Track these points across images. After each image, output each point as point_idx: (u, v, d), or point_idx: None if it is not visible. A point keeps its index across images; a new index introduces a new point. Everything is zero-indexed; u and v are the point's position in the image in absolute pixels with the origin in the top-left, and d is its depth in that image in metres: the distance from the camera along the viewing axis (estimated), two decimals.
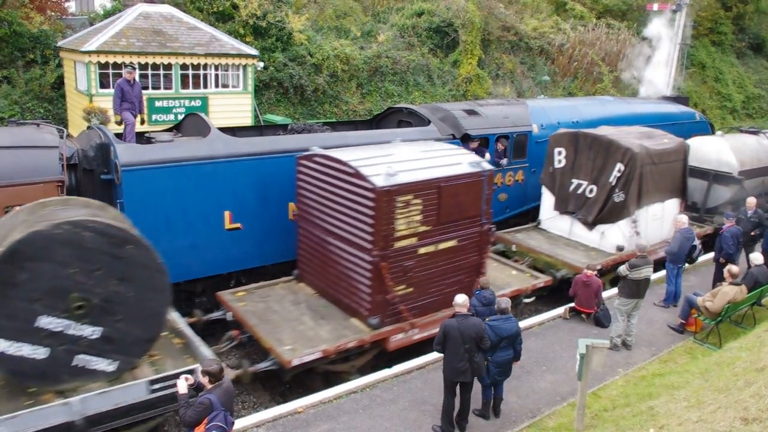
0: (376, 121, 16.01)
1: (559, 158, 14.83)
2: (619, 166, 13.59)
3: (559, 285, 13.12)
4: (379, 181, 9.42)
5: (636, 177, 13.55)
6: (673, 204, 15.15)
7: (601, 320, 11.88)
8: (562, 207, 14.91)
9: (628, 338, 11.10)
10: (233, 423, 6.46)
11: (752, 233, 14.19)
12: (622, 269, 10.79)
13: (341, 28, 27.71)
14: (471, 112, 15.40)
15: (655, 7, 27.43)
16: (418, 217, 9.88)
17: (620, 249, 13.54)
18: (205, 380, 6.37)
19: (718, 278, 12.76)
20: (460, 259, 10.76)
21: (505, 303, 8.72)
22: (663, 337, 11.67)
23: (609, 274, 13.61)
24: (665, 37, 26.97)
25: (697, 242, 13.01)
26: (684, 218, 12.94)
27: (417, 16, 28.97)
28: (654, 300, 13.04)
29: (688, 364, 10.37)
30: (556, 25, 33.41)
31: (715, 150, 17.59)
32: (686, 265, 13.28)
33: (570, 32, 33.09)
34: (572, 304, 12.19)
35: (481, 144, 14.96)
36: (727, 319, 11.47)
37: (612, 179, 13.73)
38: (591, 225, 14.24)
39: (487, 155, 14.27)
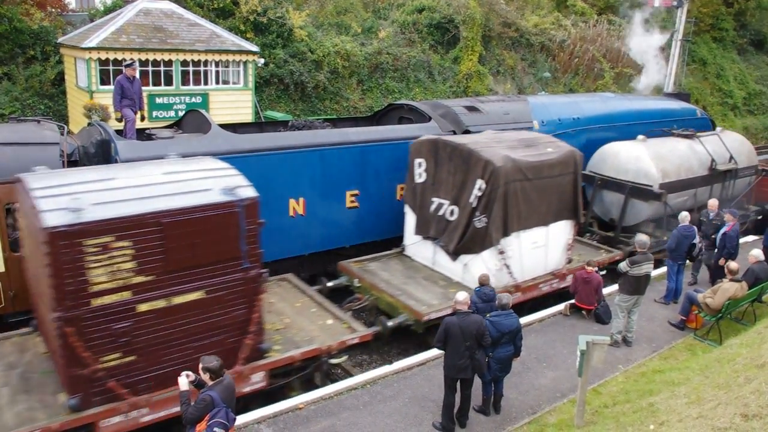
0: (377, 118, 16.00)
1: (419, 171, 12.23)
2: (480, 184, 11.06)
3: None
4: (55, 219, 6.96)
5: (499, 197, 10.98)
6: (562, 227, 12.49)
7: (602, 317, 11.89)
8: (423, 230, 12.38)
9: (629, 334, 11.11)
10: (235, 419, 6.46)
11: (713, 236, 13.31)
12: (623, 266, 10.79)
13: (342, 25, 27.67)
14: (472, 109, 15.39)
15: (657, 3, 27.35)
16: (130, 265, 7.37)
17: None
18: (206, 377, 6.37)
19: (716, 275, 12.77)
20: (216, 315, 8.17)
21: (506, 298, 8.74)
22: (663, 334, 11.68)
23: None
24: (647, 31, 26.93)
25: (697, 240, 12.96)
26: (685, 215, 12.91)
27: (418, 13, 28.92)
28: (654, 297, 13.05)
29: (689, 361, 10.38)
30: (557, 22, 33.36)
31: (633, 158, 15.38)
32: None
33: (571, 28, 33.04)
34: (572, 301, 12.21)
35: None
36: (727, 315, 11.47)
37: (472, 199, 11.16)
38: (454, 254, 11.74)
39: None
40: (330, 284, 12.19)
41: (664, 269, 13.71)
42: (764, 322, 11.28)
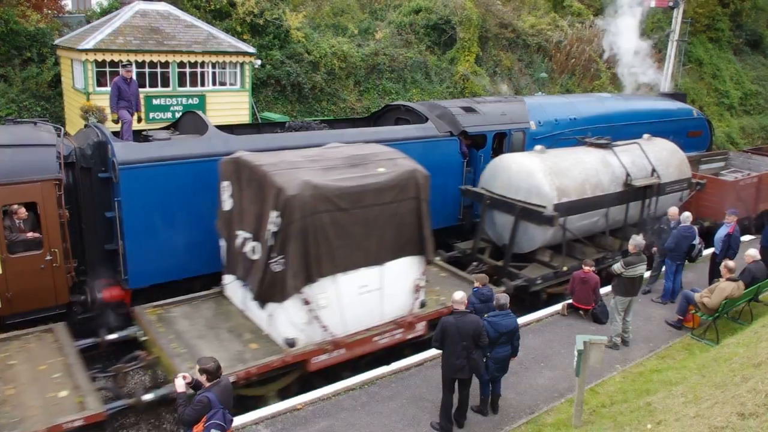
0: (374, 119, 16.01)
1: (225, 197, 10.18)
2: (274, 216, 8.76)
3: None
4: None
5: (294, 234, 8.69)
6: (406, 266, 9.95)
7: (599, 316, 11.91)
8: (232, 268, 10.35)
9: (625, 334, 11.12)
10: (232, 420, 6.46)
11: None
12: (617, 267, 10.81)
13: (339, 26, 27.67)
14: (468, 109, 15.40)
15: (653, 3, 27.40)
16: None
17: (291, 344, 9.12)
18: (202, 378, 6.37)
19: (714, 275, 12.78)
20: None
21: (504, 299, 8.75)
22: (661, 334, 11.71)
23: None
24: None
25: (697, 241, 12.97)
26: (687, 215, 12.92)
27: (414, 14, 28.92)
28: (652, 296, 13.07)
29: (686, 360, 10.40)
30: (553, 22, 33.39)
31: (525, 173, 13.12)
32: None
33: (567, 29, 33.07)
34: (570, 301, 12.22)
35: (476, 141, 14.99)
36: (724, 315, 11.49)
37: (268, 236, 8.88)
38: (260, 301, 9.52)
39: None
40: (110, 337, 10.02)
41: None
42: (761, 321, 11.31)
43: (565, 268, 13.02)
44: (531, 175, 12.96)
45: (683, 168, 15.99)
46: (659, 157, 15.33)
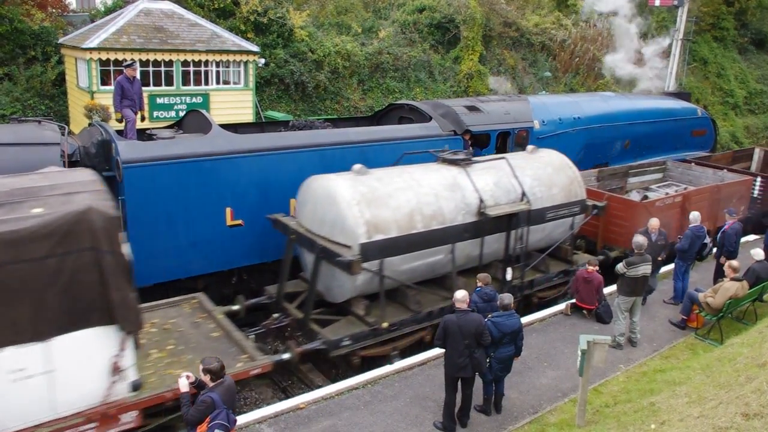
0: (378, 118, 16.00)
1: None
2: None
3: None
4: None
5: None
6: (88, 340, 7.12)
7: (602, 316, 11.89)
8: None
9: (633, 335, 11.09)
10: (236, 420, 6.47)
11: (659, 258, 12.16)
12: (620, 267, 10.78)
13: (342, 25, 27.66)
14: (472, 108, 15.38)
15: (657, 2, 27.34)
16: None
17: None
18: (206, 378, 6.37)
19: (719, 274, 12.74)
20: None
21: (508, 299, 8.73)
22: (664, 333, 11.68)
23: None
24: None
25: (708, 240, 12.93)
26: (696, 215, 12.86)
27: (418, 12, 28.90)
28: (662, 297, 13.00)
29: (690, 360, 10.37)
30: (557, 21, 33.33)
31: (330, 200, 10.14)
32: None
33: (572, 28, 33.01)
34: (573, 300, 12.20)
35: (478, 140, 14.96)
36: (728, 315, 11.46)
37: None
38: None
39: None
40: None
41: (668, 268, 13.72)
42: (765, 321, 11.27)
43: (385, 325, 10.06)
44: (335, 203, 9.98)
45: (574, 188, 12.86)
46: (539, 176, 12.33)
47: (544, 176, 12.47)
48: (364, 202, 9.95)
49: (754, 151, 22.40)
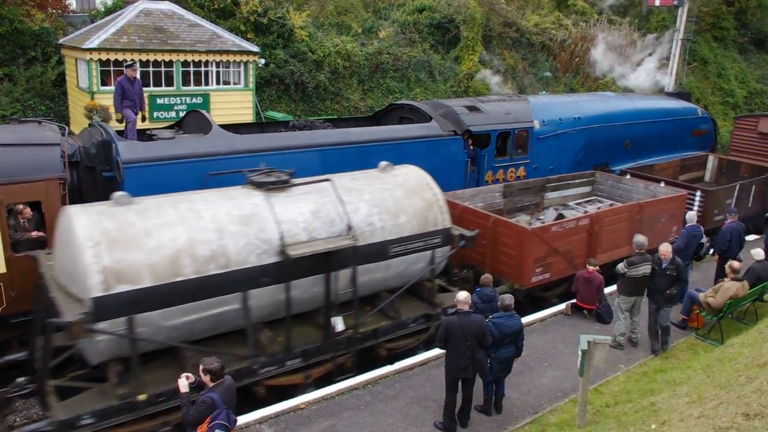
0: (378, 118, 16.01)
1: None
2: None
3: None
4: None
5: None
6: None
7: (603, 316, 11.89)
8: None
9: (633, 335, 11.09)
10: (236, 420, 6.47)
11: (668, 292, 10.43)
12: (620, 267, 10.77)
13: (342, 25, 27.66)
14: (472, 109, 15.39)
15: (657, 2, 27.33)
16: None
17: None
18: (206, 379, 6.37)
19: (720, 275, 12.74)
20: None
21: (509, 300, 8.73)
22: None
23: None
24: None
25: (705, 239, 12.92)
26: (692, 214, 12.87)
27: (418, 12, 28.90)
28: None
29: (690, 360, 10.37)
30: (557, 21, 33.33)
31: (67, 240, 7.99)
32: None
33: (572, 28, 33.01)
34: (574, 300, 12.20)
35: (480, 140, 14.98)
36: (728, 315, 11.46)
37: None
38: None
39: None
40: None
41: None
42: (766, 321, 11.27)
43: (142, 397, 7.91)
44: (70, 243, 7.83)
45: (432, 215, 10.36)
46: (382, 201, 9.88)
47: (390, 201, 9.95)
48: (105, 243, 7.65)
49: (707, 159, 20.38)
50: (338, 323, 9.34)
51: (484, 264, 12.26)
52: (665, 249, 10.48)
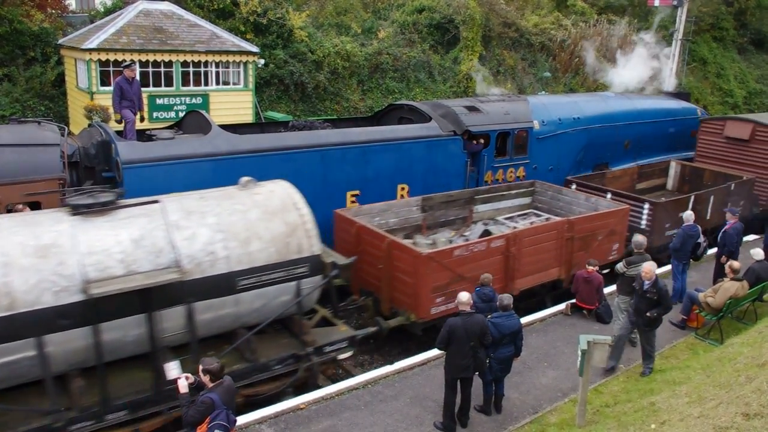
0: (378, 118, 16.01)
1: None
2: None
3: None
4: None
5: None
6: None
7: (603, 316, 11.89)
8: None
9: (633, 335, 11.07)
10: (235, 421, 6.47)
11: (647, 314, 9.50)
12: (620, 266, 10.76)
13: (342, 25, 27.68)
14: (472, 109, 15.38)
15: (656, 2, 27.33)
16: None
17: None
18: (206, 379, 6.37)
19: (719, 274, 12.74)
20: None
21: (507, 299, 8.73)
22: (664, 333, 11.64)
23: None
24: None
25: (702, 239, 12.90)
26: (690, 214, 12.86)
27: (417, 13, 28.92)
28: None
29: (690, 360, 10.37)
30: (557, 21, 33.34)
31: None
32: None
33: (571, 28, 33.02)
34: (573, 300, 12.20)
35: (480, 140, 14.97)
36: (728, 314, 11.45)
37: None
38: None
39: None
40: None
41: (667, 268, 13.70)
42: (765, 321, 11.27)
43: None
44: None
45: (296, 240, 8.88)
46: (229, 225, 8.47)
47: (240, 225, 8.52)
48: None
49: (669, 165, 19.01)
50: (172, 369, 7.41)
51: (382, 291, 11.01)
52: (648, 268, 9.49)
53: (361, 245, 11.22)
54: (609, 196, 14.67)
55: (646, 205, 14.38)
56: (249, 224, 8.60)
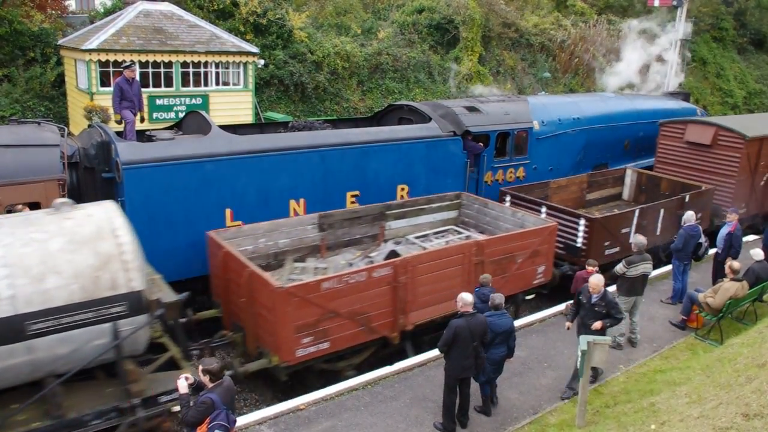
0: (377, 119, 16.01)
1: None
2: None
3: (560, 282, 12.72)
4: None
5: None
6: None
7: None
8: None
9: (633, 336, 11.08)
10: (235, 421, 6.46)
11: (592, 326, 9.06)
12: (619, 267, 10.75)
13: (342, 26, 27.69)
14: (471, 109, 15.39)
15: (656, 2, 27.37)
16: None
17: None
18: (205, 379, 6.36)
19: (718, 275, 12.74)
20: None
21: (499, 299, 8.71)
22: (664, 334, 11.67)
23: None
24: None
25: (703, 239, 12.90)
26: (691, 214, 12.85)
27: (417, 13, 28.94)
28: (661, 297, 13.00)
29: (690, 360, 10.37)
30: (557, 22, 33.37)
31: None
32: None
33: (571, 28, 33.05)
34: (573, 301, 12.18)
35: (479, 141, 14.98)
36: (728, 315, 11.46)
37: None
38: None
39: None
40: None
41: (668, 268, 13.69)
42: (765, 321, 11.27)
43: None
44: None
45: (110, 274, 7.16)
46: (17, 259, 6.80)
47: (34, 259, 6.87)
48: None
49: (625, 174, 17.62)
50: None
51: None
52: (595, 282, 9.10)
53: (228, 273, 9.85)
54: (543, 209, 13.33)
55: (582, 222, 12.84)
56: (46, 256, 6.94)
